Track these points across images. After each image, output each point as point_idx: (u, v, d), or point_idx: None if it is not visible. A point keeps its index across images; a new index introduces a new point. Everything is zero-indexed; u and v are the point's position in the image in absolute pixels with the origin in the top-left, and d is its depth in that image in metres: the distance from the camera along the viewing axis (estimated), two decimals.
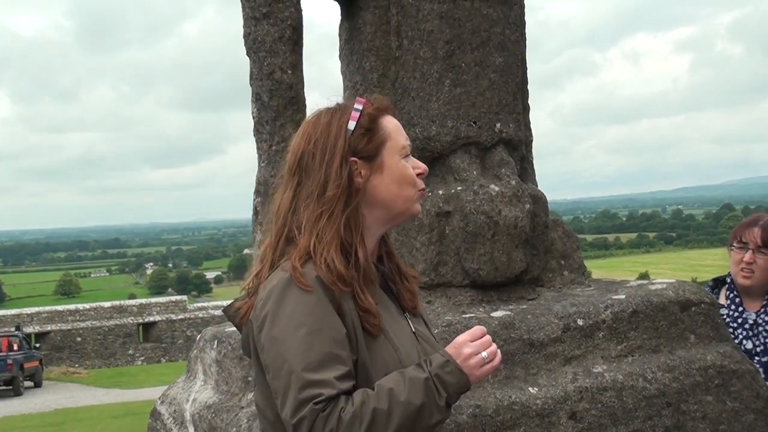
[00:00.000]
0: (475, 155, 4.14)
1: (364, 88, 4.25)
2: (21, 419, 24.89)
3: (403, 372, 2.51)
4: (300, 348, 2.46)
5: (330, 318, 2.51)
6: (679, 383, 3.80)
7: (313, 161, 2.64)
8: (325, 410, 2.39)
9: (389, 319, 2.68)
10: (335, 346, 2.48)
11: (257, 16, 4.10)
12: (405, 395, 2.43)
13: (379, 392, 2.45)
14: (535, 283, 4.17)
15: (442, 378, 2.47)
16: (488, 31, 4.15)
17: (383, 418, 2.40)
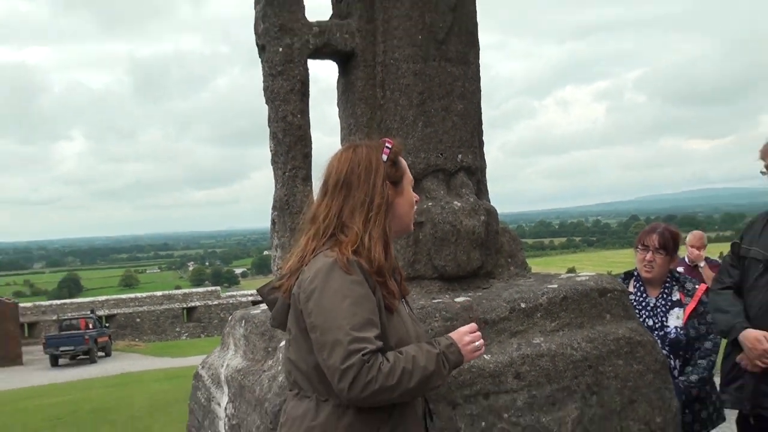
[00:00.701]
0: (441, 179, 4.12)
1: (356, 128, 4.22)
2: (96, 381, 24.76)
3: (420, 345, 2.65)
4: (347, 313, 2.54)
5: (368, 293, 2.61)
6: (597, 351, 3.78)
7: (359, 180, 2.73)
8: (369, 361, 2.48)
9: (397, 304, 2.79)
10: (373, 313, 2.59)
11: (274, 74, 4.06)
12: (423, 362, 2.57)
13: (406, 356, 2.57)
14: (489, 276, 4.15)
15: (447, 355, 2.65)
16: (451, 85, 4.13)
17: (408, 375, 2.53)
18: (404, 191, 2.87)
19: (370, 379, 2.47)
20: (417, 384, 2.55)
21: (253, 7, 4.17)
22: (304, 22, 4.08)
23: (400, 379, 2.51)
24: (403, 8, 4.06)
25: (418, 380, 2.55)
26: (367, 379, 2.47)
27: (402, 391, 2.53)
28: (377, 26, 4.13)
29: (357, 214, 2.73)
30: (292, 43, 4.04)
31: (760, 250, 4.50)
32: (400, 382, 2.51)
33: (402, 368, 2.52)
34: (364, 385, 2.47)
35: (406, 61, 4.07)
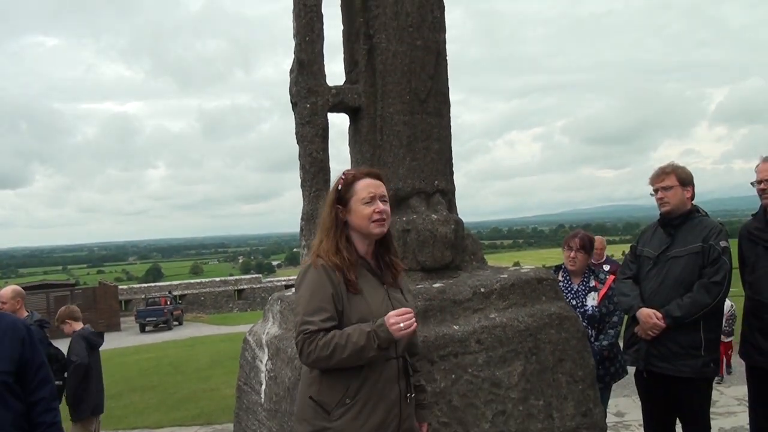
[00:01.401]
0: (423, 198, 4.09)
1: (362, 162, 4.20)
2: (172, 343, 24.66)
3: (360, 325, 2.58)
4: (304, 302, 2.62)
5: (322, 287, 2.62)
6: (536, 323, 3.75)
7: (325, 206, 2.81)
8: (310, 338, 2.55)
9: (369, 288, 2.73)
10: (324, 302, 2.59)
11: (303, 123, 4.04)
12: (355, 338, 2.53)
13: (342, 334, 2.55)
14: (457, 269, 4.11)
15: (377, 332, 2.54)
16: (430, 131, 4.10)
17: (341, 348, 2.53)
18: (353, 210, 2.75)
19: (309, 351, 2.54)
20: (349, 355, 2.52)
21: (288, 75, 4.15)
22: (325, 86, 4.06)
23: (333, 350, 2.52)
24: (395, 77, 4.05)
25: (349, 352, 2.51)
26: (308, 351, 2.55)
27: (337, 359, 2.53)
28: (377, 90, 4.11)
29: (320, 231, 2.79)
30: (317, 101, 4.02)
31: (650, 250, 4.49)
32: (334, 353, 2.52)
33: (335, 343, 2.52)
34: (306, 355, 2.56)
35: (397, 114, 4.06)
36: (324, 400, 2.62)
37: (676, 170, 4.41)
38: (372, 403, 2.61)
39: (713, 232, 4.25)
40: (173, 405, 11.15)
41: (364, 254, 2.81)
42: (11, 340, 3.20)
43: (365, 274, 2.76)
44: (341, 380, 2.61)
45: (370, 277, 2.78)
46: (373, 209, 2.73)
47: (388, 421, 2.65)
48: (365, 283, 2.73)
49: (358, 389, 2.60)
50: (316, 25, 4.04)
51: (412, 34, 4.04)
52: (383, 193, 2.80)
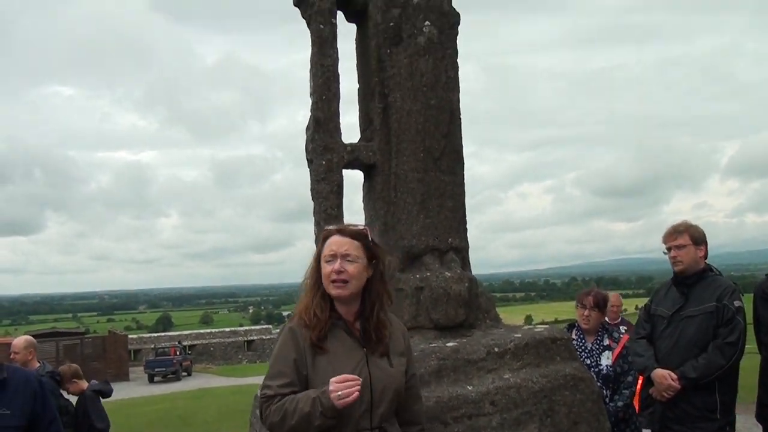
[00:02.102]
0: (437, 256, 4.09)
1: (376, 218, 4.22)
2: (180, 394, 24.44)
3: (312, 391, 2.45)
4: (270, 365, 2.58)
5: (286, 352, 2.53)
6: (551, 384, 3.70)
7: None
8: (266, 402, 2.49)
9: (342, 351, 2.55)
10: (285, 366, 2.51)
11: (318, 179, 4.08)
12: (302, 405, 2.40)
13: (293, 399, 2.44)
14: (471, 327, 4.08)
15: (321, 400, 2.38)
16: (444, 189, 4.13)
17: (290, 414, 2.41)
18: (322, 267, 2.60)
19: (265, 416, 2.48)
20: (297, 421, 2.39)
21: (305, 132, 4.21)
22: (340, 143, 4.11)
23: (283, 416, 2.42)
24: (410, 135, 4.10)
25: (297, 418, 2.39)
26: (264, 415, 2.49)
27: (288, 426, 2.42)
28: (392, 147, 4.16)
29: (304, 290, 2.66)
30: (332, 158, 4.07)
31: (664, 310, 4.47)
32: (284, 419, 2.42)
33: (285, 409, 2.42)
34: (264, 418, 2.50)
35: (412, 171, 4.09)
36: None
37: (689, 229, 4.41)
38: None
39: (727, 291, 4.23)
40: None
41: (344, 314, 2.61)
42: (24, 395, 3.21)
43: (341, 335, 2.57)
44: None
45: (347, 339, 2.58)
46: (332, 269, 2.55)
47: None
48: (339, 345, 2.55)
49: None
50: (332, 85, 4.12)
51: (427, 94, 4.10)
52: (347, 252, 2.57)
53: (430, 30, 4.12)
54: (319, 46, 4.12)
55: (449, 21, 4.26)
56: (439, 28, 4.16)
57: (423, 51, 4.11)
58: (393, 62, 4.15)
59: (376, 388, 2.51)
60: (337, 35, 4.18)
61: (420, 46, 4.10)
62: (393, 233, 4.10)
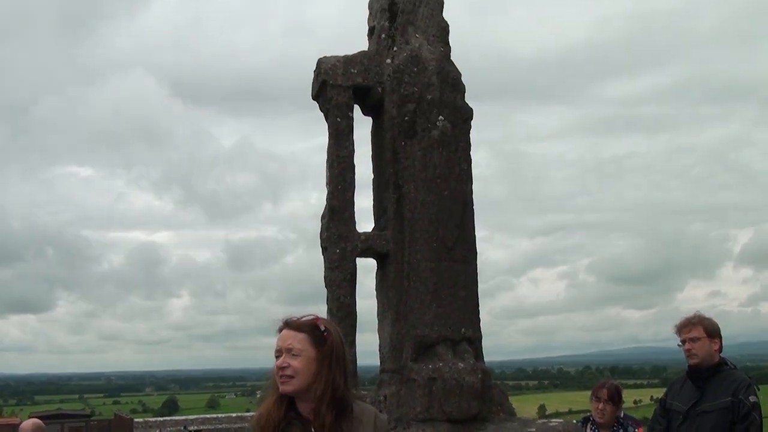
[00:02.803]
0: (449, 346, 4.07)
1: (389, 307, 4.24)
2: None
3: None
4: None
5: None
6: None
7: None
8: None
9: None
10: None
11: (332, 267, 4.12)
12: None
13: None
14: (484, 420, 4.02)
15: None
16: (457, 278, 4.15)
17: None
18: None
19: None
20: None
21: (320, 220, 4.28)
22: (354, 232, 4.18)
23: None
24: (423, 225, 4.16)
25: None
26: None
27: None
28: (405, 237, 4.20)
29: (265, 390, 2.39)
30: (346, 246, 4.12)
31: (679, 404, 4.37)
32: None
33: None
34: None
35: (425, 261, 4.12)
36: None
37: (702, 321, 4.36)
38: None
39: (742, 386, 4.15)
40: None
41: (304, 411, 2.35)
42: None
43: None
44: None
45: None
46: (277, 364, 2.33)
47: None
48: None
49: None
50: (347, 175, 4.22)
51: (440, 185, 4.19)
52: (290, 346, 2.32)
53: (443, 124, 4.24)
54: (336, 138, 4.25)
55: (462, 116, 4.39)
56: (452, 123, 4.29)
57: (437, 144, 4.22)
58: (407, 154, 4.25)
59: None
60: (353, 128, 4.32)
61: (434, 140, 4.22)
62: (405, 322, 4.10)
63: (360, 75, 4.31)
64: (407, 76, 4.28)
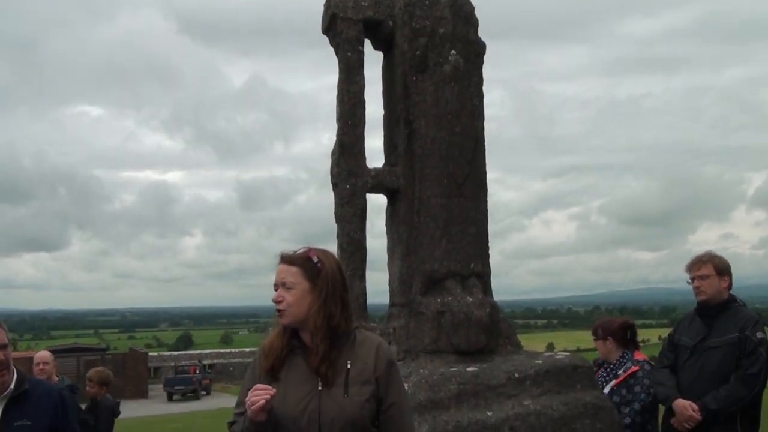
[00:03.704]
0: (458, 281, 4.12)
1: (399, 242, 4.27)
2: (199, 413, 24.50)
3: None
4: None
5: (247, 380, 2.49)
6: (571, 412, 3.70)
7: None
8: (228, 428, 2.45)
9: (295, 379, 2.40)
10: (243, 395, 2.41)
11: (342, 203, 4.15)
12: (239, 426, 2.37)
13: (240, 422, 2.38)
14: (492, 352, 4.09)
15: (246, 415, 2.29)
16: (467, 214, 4.18)
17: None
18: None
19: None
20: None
21: (330, 156, 4.29)
22: (365, 168, 4.19)
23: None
24: (434, 161, 4.16)
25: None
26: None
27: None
28: (415, 173, 4.22)
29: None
30: (356, 182, 4.14)
31: (687, 340, 4.45)
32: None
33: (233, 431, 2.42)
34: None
35: (435, 197, 4.14)
36: None
37: (713, 259, 4.40)
38: None
39: (750, 322, 4.22)
40: None
41: (309, 343, 2.44)
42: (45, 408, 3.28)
43: (298, 363, 2.43)
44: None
45: (303, 368, 2.42)
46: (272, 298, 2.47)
47: None
48: (294, 374, 2.42)
49: None
50: (358, 110, 4.21)
51: (451, 121, 4.17)
52: (284, 279, 2.44)
53: (455, 59, 4.19)
54: (346, 72, 4.22)
55: (475, 50, 4.34)
56: (465, 57, 4.24)
57: (448, 79, 4.18)
58: (418, 90, 4.23)
59: (324, 421, 2.34)
60: (363, 62, 4.28)
61: (446, 75, 4.18)
62: (415, 257, 4.15)
63: (370, 8, 4.26)
64: (419, 9, 4.22)
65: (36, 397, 3.31)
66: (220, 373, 44.87)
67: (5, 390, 3.25)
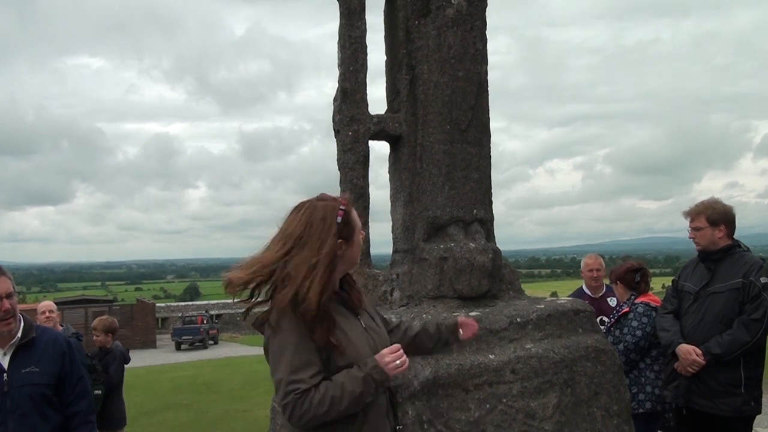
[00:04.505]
0: (461, 227, 4.13)
1: (401, 189, 4.27)
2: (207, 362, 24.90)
3: (349, 371, 2.38)
4: (287, 358, 2.37)
5: (301, 339, 2.38)
6: (572, 354, 3.75)
7: (310, 238, 2.42)
8: (302, 397, 2.32)
9: (348, 324, 2.52)
10: (310, 354, 2.38)
11: (345, 150, 4.13)
12: (351, 387, 2.34)
13: (335, 384, 2.35)
14: (494, 298, 4.12)
15: (372, 375, 2.37)
16: (470, 160, 4.16)
17: (338, 401, 2.33)
18: (355, 243, 2.55)
19: (303, 412, 2.32)
20: (347, 405, 2.34)
21: (332, 102, 4.26)
22: (367, 114, 4.16)
23: (330, 405, 2.33)
24: (437, 107, 4.12)
25: (348, 402, 2.34)
26: (300, 412, 2.32)
27: (336, 413, 2.34)
28: (418, 119, 4.19)
29: (302, 267, 2.39)
30: (359, 129, 4.12)
31: (690, 285, 4.49)
32: (332, 407, 2.33)
33: (331, 396, 2.32)
34: (299, 417, 2.33)
35: (438, 143, 4.12)
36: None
37: (706, 210, 4.42)
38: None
39: (754, 267, 4.24)
40: (206, 424, 11.25)
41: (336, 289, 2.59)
42: (52, 354, 3.35)
43: (339, 308, 2.54)
44: (338, 428, 2.43)
45: (345, 310, 2.57)
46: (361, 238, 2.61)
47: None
48: (343, 319, 2.52)
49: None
50: (360, 56, 4.15)
51: (454, 66, 4.12)
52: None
53: (458, 2, 4.12)
54: (348, 17, 4.15)
55: None
56: (467, 0, 4.16)
57: (451, 23, 4.11)
58: (421, 34, 4.16)
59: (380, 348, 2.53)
60: (365, 7, 4.21)
61: (448, 18, 4.11)
62: (418, 204, 4.15)
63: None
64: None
65: (43, 344, 3.38)
66: (227, 323, 45.50)
67: (13, 338, 3.31)
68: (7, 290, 3.25)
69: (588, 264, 6.12)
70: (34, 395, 3.24)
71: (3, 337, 3.28)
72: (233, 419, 11.49)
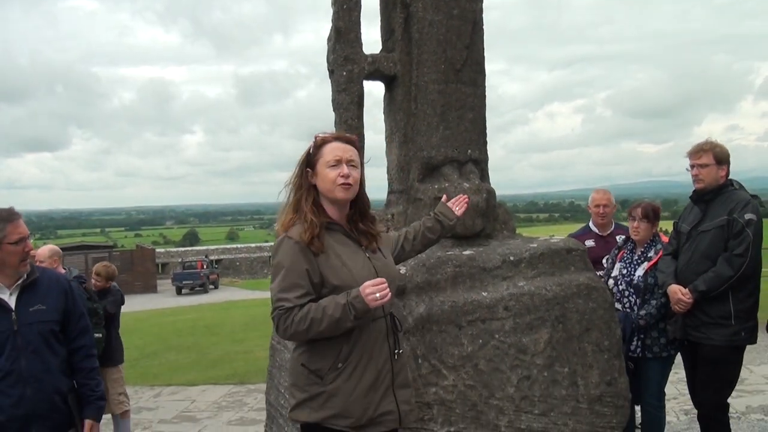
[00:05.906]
0: (455, 167, 4.15)
1: (396, 130, 4.27)
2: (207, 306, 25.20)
3: (335, 297, 2.57)
4: (279, 279, 2.62)
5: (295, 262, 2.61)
6: (564, 292, 3.79)
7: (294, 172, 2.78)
8: (285, 313, 2.58)
9: (348, 252, 2.72)
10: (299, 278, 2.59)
11: (339, 90, 4.11)
12: (330, 311, 2.53)
13: (318, 307, 2.55)
14: (488, 237, 4.17)
15: (353, 304, 2.52)
16: (464, 100, 4.15)
17: (317, 322, 2.54)
18: (319, 173, 2.71)
19: (286, 326, 2.57)
20: (326, 327, 2.53)
21: (326, 42, 4.22)
22: (361, 54, 4.13)
23: (310, 325, 2.53)
24: (431, 46, 4.09)
25: (326, 325, 2.52)
26: (284, 326, 2.57)
27: (315, 333, 2.55)
28: (413, 58, 4.16)
29: (292, 197, 2.75)
30: (353, 69, 4.09)
31: (685, 226, 4.58)
32: (311, 327, 2.53)
33: (311, 317, 2.53)
34: (283, 330, 2.58)
35: (432, 83, 4.10)
36: (316, 367, 2.65)
37: (713, 148, 4.45)
38: (363, 363, 2.64)
39: (739, 204, 4.32)
40: (208, 364, 11.49)
41: (337, 219, 2.78)
42: (56, 292, 3.47)
43: (341, 238, 2.74)
44: (332, 346, 2.63)
45: (348, 241, 2.76)
46: (338, 173, 2.69)
47: (381, 377, 2.68)
48: (343, 247, 2.71)
49: (349, 352, 2.63)
50: None
51: (449, 3, 4.07)
52: (351, 157, 2.74)
53: None
54: None
55: None
56: None
57: None
58: None
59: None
60: None
61: None
62: (413, 144, 4.16)
63: None
64: None
65: (46, 283, 3.48)
66: (227, 268, 45.94)
67: (19, 278, 3.40)
68: (24, 233, 3.39)
69: (595, 199, 5.78)
70: (43, 332, 3.37)
71: (10, 278, 3.37)
72: (234, 359, 11.72)
